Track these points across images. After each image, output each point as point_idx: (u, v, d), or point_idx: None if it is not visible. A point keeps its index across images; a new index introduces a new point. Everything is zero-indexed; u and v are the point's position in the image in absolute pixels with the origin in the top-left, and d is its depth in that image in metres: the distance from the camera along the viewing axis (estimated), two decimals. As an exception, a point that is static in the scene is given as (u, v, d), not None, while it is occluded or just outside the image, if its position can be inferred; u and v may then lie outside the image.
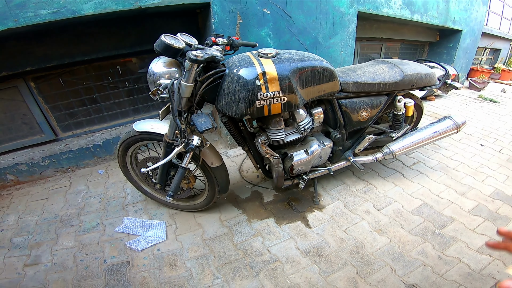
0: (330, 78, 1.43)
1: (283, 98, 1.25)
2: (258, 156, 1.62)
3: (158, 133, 1.43)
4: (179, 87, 1.14)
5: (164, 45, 1.14)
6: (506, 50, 8.09)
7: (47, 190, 2.13)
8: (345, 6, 2.74)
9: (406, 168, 2.31)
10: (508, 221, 1.78)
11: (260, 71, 1.19)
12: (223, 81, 1.23)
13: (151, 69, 1.23)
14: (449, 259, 1.50)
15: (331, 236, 1.65)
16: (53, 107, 2.33)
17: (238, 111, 1.23)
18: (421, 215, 1.81)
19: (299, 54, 1.36)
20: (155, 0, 1.89)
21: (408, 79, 1.71)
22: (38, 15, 1.69)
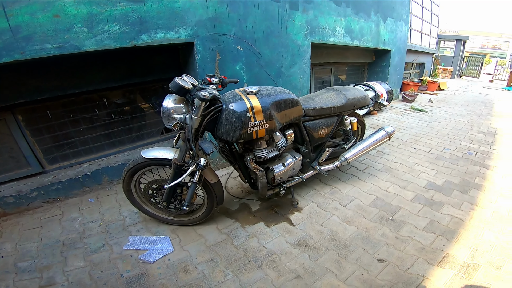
0: (296, 107, 1.90)
1: (266, 124, 1.68)
2: (245, 172, 2.00)
3: (166, 158, 1.72)
4: (191, 120, 1.50)
5: (178, 86, 1.49)
6: (430, 63, 9.50)
7: (38, 219, 2.15)
8: (301, 39, 3.32)
9: (360, 172, 2.85)
10: (442, 205, 2.30)
11: (249, 105, 1.61)
12: (221, 114, 1.62)
13: (165, 106, 1.57)
14: (404, 238, 1.91)
15: (312, 230, 2.00)
16: (40, 140, 2.38)
17: (234, 137, 1.62)
18: (376, 206, 2.27)
19: (274, 90, 1.81)
20: (148, 40, 2.19)
21: (350, 102, 2.26)
22: (43, 48, 1.84)
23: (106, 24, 2.01)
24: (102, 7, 1.98)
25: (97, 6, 1.96)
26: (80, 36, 1.95)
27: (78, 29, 1.93)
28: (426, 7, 8.38)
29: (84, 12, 1.92)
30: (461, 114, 5.48)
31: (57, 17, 1.85)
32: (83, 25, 1.94)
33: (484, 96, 8.20)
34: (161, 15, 2.22)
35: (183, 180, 1.65)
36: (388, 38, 5.40)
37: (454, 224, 2.07)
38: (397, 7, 5.55)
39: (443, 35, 13.52)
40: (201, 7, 2.40)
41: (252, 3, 2.73)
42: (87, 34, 1.96)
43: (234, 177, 2.73)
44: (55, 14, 1.84)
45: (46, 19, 1.82)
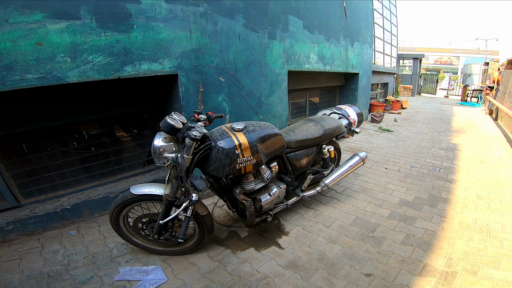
0: (280, 140, 2.02)
1: (253, 160, 1.77)
2: (233, 202, 2.06)
3: (157, 194, 1.74)
4: (182, 159, 1.55)
5: (169, 126, 1.54)
6: (392, 83, 10.25)
7: (16, 251, 2.06)
8: (279, 67, 3.49)
9: (339, 194, 3.01)
10: (414, 219, 2.49)
11: (237, 143, 1.70)
12: (211, 152, 1.68)
13: (155, 144, 1.61)
14: (386, 252, 2.05)
15: (300, 251, 2.08)
16: (15, 174, 2.28)
17: (224, 173, 1.69)
18: (357, 225, 2.41)
19: (258, 125, 1.91)
20: (132, 72, 2.21)
21: (327, 133, 2.44)
22: (24, 79, 1.78)
23: (90, 55, 2.00)
24: (86, 37, 1.97)
25: (81, 35, 1.95)
26: (63, 67, 1.91)
27: (61, 59, 1.89)
28: (386, 29, 9.09)
29: (67, 41, 1.90)
30: (423, 132, 5.96)
31: (39, 45, 1.81)
32: (66, 54, 1.91)
33: (442, 113, 8.97)
34: (146, 46, 2.26)
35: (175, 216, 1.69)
36: (356, 61, 5.77)
37: (428, 236, 2.25)
38: (363, 31, 5.97)
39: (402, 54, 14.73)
40: (185, 38, 2.47)
41: (234, 34, 2.86)
42: (70, 64, 1.93)
43: (220, 206, 2.76)
44: (38, 42, 1.81)
45: (29, 47, 1.78)
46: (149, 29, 2.25)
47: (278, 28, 3.44)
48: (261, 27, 3.18)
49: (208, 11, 2.61)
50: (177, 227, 1.93)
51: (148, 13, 2.23)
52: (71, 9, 1.89)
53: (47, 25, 1.82)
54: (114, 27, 2.07)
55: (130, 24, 2.15)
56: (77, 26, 1.93)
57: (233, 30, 2.86)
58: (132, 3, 2.14)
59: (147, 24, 2.24)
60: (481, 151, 4.66)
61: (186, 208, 1.65)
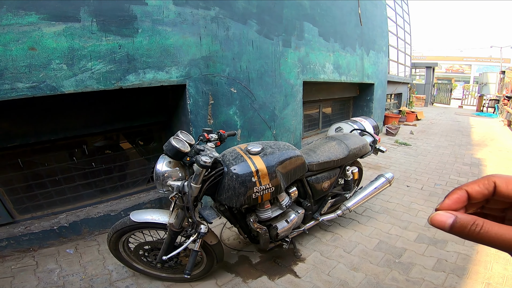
0: (301, 163, 1.75)
1: (272, 188, 1.51)
2: (246, 229, 1.81)
3: (160, 222, 1.51)
4: (190, 188, 1.30)
5: (175, 151, 1.30)
6: (406, 93, 9.93)
7: (9, 268, 1.92)
8: (294, 78, 3.25)
9: (359, 215, 2.75)
10: (445, 242, 2.27)
11: (254, 169, 1.44)
12: (223, 179, 1.43)
13: (158, 170, 1.36)
14: (415, 279, 1.86)
15: (319, 280, 1.88)
16: (10, 190, 2.11)
17: (238, 203, 1.43)
18: (381, 250, 2.19)
19: (277, 146, 1.66)
20: (135, 81, 2.00)
21: (353, 153, 2.17)
22: (15, 88, 1.59)
23: (89, 61, 1.80)
24: (86, 41, 1.77)
25: (79, 39, 1.75)
26: (58, 75, 1.71)
27: (56, 65, 1.69)
28: (400, 37, 8.83)
29: (64, 45, 1.70)
30: (443, 146, 5.64)
31: (33, 50, 1.62)
32: (62, 61, 1.71)
33: (459, 124, 8.62)
34: (151, 52, 2.05)
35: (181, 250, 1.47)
36: (371, 71, 5.52)
37: (462, 260, 2.05)
38: (378, 39, 5.73)
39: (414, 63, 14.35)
40: (195, 44, 2.26)
41: (247, 40, 2.65)
42: (66, 72, 1.73)
43: (229, 227, 2.53)
44: (31, 46, 1.61)
45: (20, 52, 1.59)
46: (155, 33, 2.04)
47: (293, 35, 3.22)
48: (275, 34, 2.96)
49: (219, 15, 2.40)
50: (184, 256, 1.71)
51: (154, 16, 2.02)
52: (69, 11, 1.70)
53: (42, 28, 1.63)
54: (116, 30, 1.87)
55: (135, 28, 1.94)
56: (76, 29, 1.73)
57: (246, 36, 2.65)
58: (138, 4, 1.95)
59: (153, 28, 2.03)
60: (507, 166, 4.37)
61: (193, 241, 1.40)
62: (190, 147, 1.39)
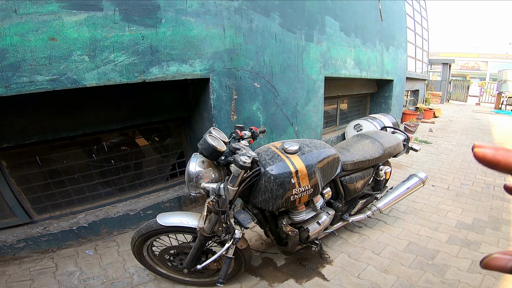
0: (337, 163, 1.64)
1: (311, 189, 1.39)
2: (275, 231, 1.71)
3: (189, 227, 1.41)
4: (227, 191, 1.19)
5: (211, 149, 1.19)
6: (423, 90, 9.67)
7: (28, 271, 1.86)
8: (316, 73, 3.12)
9: (385, 216, 2.63)
10: (479, 244, 2.19)
11: (293, 169, 1.32)
12: (260, 180, 1.31)
13: (191, 170, 1.26)
14: (451, 281, 1.80)
15: (348, 283, 1.79)
16: (27, 188, 2.03)
17: (275, 206, 1.32)
18: (412, 252, 2.10)
19: (314, 145, 1.54)
20: (159, 74, 1.90)
21: (388, 152, 2.03)
22: (33, 81, 1.49)
23: (111, 53, 1.70)
24: (108, 31, 1.67)
25: (102, 29, 1.64)
26: (80, 67, 1.61)
27: (77, 57, 1.60)
28: (418, 33, 8.57)
29: (86, 36, 1.60)
30: (465, 144, 5.43)
31: (53, 40, 1.52)
32: (84, 52, 1.61)
33: (478, 122, 8.34)
34: (175, 44, 1.95)
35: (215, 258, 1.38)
36: (391, 67, 5.35)
37: None
38: (397, 35, 5.54)
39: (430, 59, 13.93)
40: (218, 36, 2.16)
41: (270, 34, 2.53)
42: (88, 64, 1.64)
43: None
44: (51, 36, 1.52)
45: (40, 43, 1.49)
46: (179, 24, 1.93)
47: (315, 29, 3.09)
48: (298, 27, 2.84)
49: (243, 6, 2.29)
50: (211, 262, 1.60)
51: (178, 6, 1.92)
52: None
53: (63, 17, 1.53)
54: (139, 20, 1.77)
55: (158, 18, 1.84)
56: (98, 18, 1.63)
57: (269, 29, 2.53)
58: (161, -7, 1.83)
59: (177, 18, 1.93)
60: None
61: (227, 248, 1.30)
62: (225, 145, 1.28)
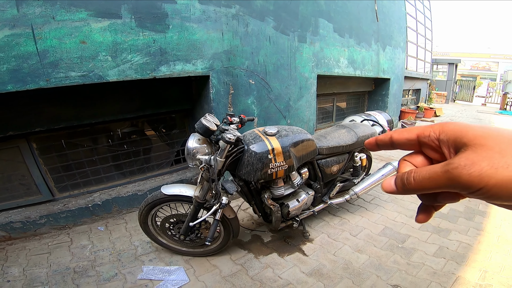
0: (312, 146, 1.95)
1: (285, 165, 1.72)
2: (260, 207, 2.02)
3: (187, 195, 1.74)
4: (215, 162, 1.53)
5: (204, 128, 1.53)
6: (425, 89, 9.72)
7: (46, 245, 2.13)
8: (308, 71, 3.42)
9: (367, 203, 2.90)
10: (449, 231, 2.38)
11: (270, 147, 1.65)
12: (243, 155, 1.65)
13: (189, 146, 1.60)
14: (416, 263, 1.98)
15: (325, 259, 2.04)
16: (53, 168, 2.37)
17: (255, 177, 1.65)
18: (385, 235, 2.33)
19: (291, 130, 1.86)
20: (167, 72, 2.24)
21: (361, 140, 2.33)
22: (68, 76, 1.83)
23: (129, 54, 2.05)
24: (126, 36, 2.02)
25: (121, 34, 1.99)
26: (104, 65, 1.96)
27: (102, 57, 1.95)
28: (420, 33, 8.68)
29: (109, 40, 1.95)
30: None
31: (83, 43, 1.87)
32: (108, 53, 1.96)
33: (479, 122, 8.41)
34: (180, 46, 2.28)
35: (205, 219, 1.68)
36: (387, 66, 5.55)
37: (462, 249, 2.15)
38: (395, 35, 5.74)
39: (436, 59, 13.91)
40: (217, 40, 2.48)
41: (264, 36, 2.84)
42: (111, 63, 1.99)
43: (244, 209, 2.73)
44: (82, 40, 1.86)
45: (73, 45, 1.84)
46: (183, 29, 2.27)
47: (308, 31, 3.38)
48: (291, 29, 3.13)
49: (239, 12, 2.60)
50: (204, 229, 1.93)
51: (183, 14, 2.25)
52: (113, 8, 1.95)
53: (91, 24, 1.88)
54: (151, 26, 2.11)
55: (166, 24, 2.18)
56: (118, 25, 1.98)
57: (264, 32, 2.84)
58: (169, 3, 2.18)
59: (182, 25, 2.26)
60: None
61: (215, 211, 1.63)
62: (216, 127, 1.62)
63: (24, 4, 1.65)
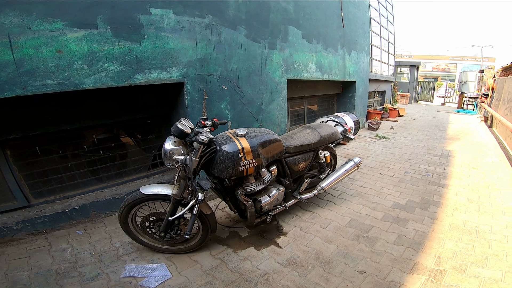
0: (279, 146, 2.17)
1: (255, 163, 1.92)
2: (235, 203, 2.20)
3: (165, 194, 1.88)
4: (191, 161, 1.69)
5: (179, 131, 1.70)
6: (389, 91, 10.38)
7: (25, 250, 2.14)
8: (279, 77, 3.65)
9: (335, 198, 3.12)
10: (407, 221, 2.60)
11: (240, 147, 1.85)
12: (216, 155, 1.83)
13: (166, 148, 1.76)
14: (379, 251, 2.16)
15: (298, 250, 2.20)
16: (27, 175, 2.38)
17: (227, 174, 1.84)
18: (352, 227, 2.53)
19: (259, 131, 2.06)
20: (142, 79, 2.35)
21: (324, 139, 2.59)
22: (45, 84, 1.89)
23: (105, 62, 2.14)
24: (102, 45, 2.11)
25: (97, 43, 2.08)
26: (80, 74, 2.04)
27: (78, 66, 2.02)
28: (383, 37, 9.28)
29: (85, 49, 2.03)
30: (419, 139, 6.10)
31: (60, 52, 1.94)
32: (83, 62, 2.04)
33: (438, 120, 9.13)
34: (155, 55, 2.40)
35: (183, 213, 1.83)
36: (353, 70, 5.92)
37: (419, 236, 2.36)
38: (360, 40, 6.13)
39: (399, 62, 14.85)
40: (191, 48, 2.63)
41: (236, 44, 3.02)
42: (87, 71, 2.07)
43: (222, 208, 2.88)
44: (58, 49, 1.93)
45: (50, 54, 1.90)
46: (158, 39, 2.40)
47: (278, 38, 3.61)
48: (262, 37, 3.34)
49: (213, 22, 2.77)
50: (183, 225, 2.06)
51: (158, 24, 2.38)
52: (89, 19, 2.03)
53: (67, 33, 1.96)
54: (127, 36, 2.22)
55: (142, 34, 2.30)
56: (94, 35, 2.07)
57: (236, 40, 3.02)
58: (144, 14, 2.29)
59: (157, 34, 2.39)
60: (474, 158, 4.79)
61: (192, 207, 1.78)
62: (191, 130, 1.78)
63: (1, 14, 1.71)
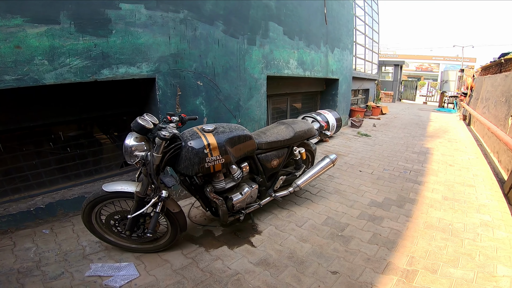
0: (250, 142, 2.14)
1: (222, 159, 1.88)
2: (206, 201, 2.16)
3: (128, 191, 1.82)
4: (152, 157, 1.64)
5: (139, 126, 1.64)
6: (373, 89, 10.59)
7: None
8: (258, 73, 3.62)
9: (313, 196, 3.12)
10: (382, 219, 2.60)
11: (206, 143, 1.81)
12: (181, 151, 1.78)
13: (127, 144, 1.70)
14: (353, 250, 2.15)
15: (271, 250, 2.17)
16: None
17: (193, 171, 1.80)
18: (327, 225, 2.51)
19: (229, 127, 2.03)
20: (109, 75, 2.26)
21: (298, 135, 2.57)
22: (2, 80, 1.81)
23: (67, 58, 2.05)
24: (65, 41, 2.03)
25: (59, 39, 2.00)
26: (40, 69, 1.96)
27: (38, 61, 1.94)
28: (368, 35, 9.39)
29: (46, 44, 1.95)
30: (399, 137, 6.22)
31: (18, 48, 1.86)
32: (44, 57, 1.96)
33: (419, 118, 9.34)
34: (124, 50, 2.33)
35: (146, 211, 1.77)
36: (336, 67, 5.95)
37: (393, 235, 2.37)
38: (343, 37, 6.16)
39: (383, 61, 15.13)
40: (164, 43, 2.56)
41: (213, 39, 2.97)
42: (47, 67, 1.98)
43: (197, 206, 2.83)
44: (17, 45, 1.85)
45: (7, 50, 1.82)
46: (127, 34, 2.32)
47: (258, 34, 3.57)
48: (241, 33, 3.30)
49: (188, 17, 2.71)
50: (149, 223, 1.98)
51: (127, 19, 2.31)
52: (51, 14, 1.95)
53: (26, 29, 1.87)
54: (93, 32, 2.14)
55: (109, 29, 2.22)
56: (56, 30, 1.99)
57: (213, 36, 2.97)
58: (112, 9, 2.21)
59: (126, 30, 2.31)
60: (452, 155, 4.92)
61: (155, 204, 1.74)
62: (154, 125, 1.73)
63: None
